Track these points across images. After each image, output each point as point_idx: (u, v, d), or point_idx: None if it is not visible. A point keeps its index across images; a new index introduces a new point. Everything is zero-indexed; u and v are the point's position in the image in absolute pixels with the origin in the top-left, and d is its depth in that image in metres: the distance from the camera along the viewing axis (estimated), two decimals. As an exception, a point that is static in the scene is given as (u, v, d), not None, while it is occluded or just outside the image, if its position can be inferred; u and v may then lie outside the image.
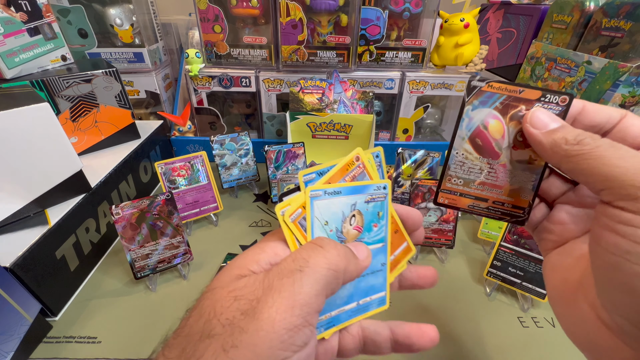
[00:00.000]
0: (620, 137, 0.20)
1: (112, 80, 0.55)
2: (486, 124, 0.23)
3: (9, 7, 0.48)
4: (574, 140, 0.19)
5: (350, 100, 0.66)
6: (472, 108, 0.23)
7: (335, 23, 0.66)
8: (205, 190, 0.55)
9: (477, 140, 0.24)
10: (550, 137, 0.20)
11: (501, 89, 0.22)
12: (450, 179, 0.25)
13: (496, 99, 0.23)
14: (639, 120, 0.20)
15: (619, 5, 0.47)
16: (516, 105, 0.22)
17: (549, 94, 0.22)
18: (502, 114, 0.23)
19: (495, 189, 0.25)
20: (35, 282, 0.37)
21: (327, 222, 0.22)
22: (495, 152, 0.24)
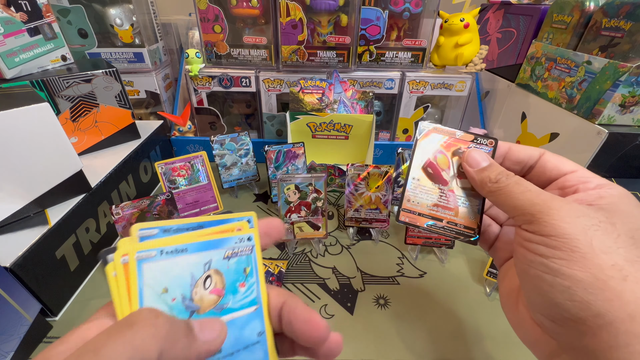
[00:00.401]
0: (540, 172, 0.25)
1: (112, 80, 0.55)
2: (435, 157, 0.29)
3: (9, 7, 0.48)
4: (494, 178, 0.24)
5: (350, 100, 0.66)
6: (424, 144, 0.29)
7: (335, 23, 0.66)
8: (205, 190, 0.55)
9: (429, 169, 0.29)
10: (479, 175, 0.25)
11: (444, 132, 0.29)
12: (409, 200, 0.29)
13: (441, 138, 0.29)
14: (553, 157, 0.25)
15: (619, 5, 0.47)
16: (457, 144, 0.29)
17: (479, 137, 0.28)
18: (446, 150, 0.29)
19: (447, 211, 0.29)
20: (35, 282, 0.37)
21: (166, 290, 0.16)
22: (444, 180, 0.29)
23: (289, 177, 0.48)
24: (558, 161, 0.25)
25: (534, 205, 0.21)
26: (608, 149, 0.46)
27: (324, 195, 0.50)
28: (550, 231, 0.20)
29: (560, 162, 0.25)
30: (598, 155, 0.47)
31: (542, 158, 0.25)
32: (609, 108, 0.46)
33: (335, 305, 0.43)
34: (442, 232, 0.28)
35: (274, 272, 0.46)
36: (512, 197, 0.22)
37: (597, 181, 0.22)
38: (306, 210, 0.50)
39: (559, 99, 0.55)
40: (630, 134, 0.46)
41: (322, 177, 0.49)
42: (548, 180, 0.25)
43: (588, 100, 0.49)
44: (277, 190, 0.49)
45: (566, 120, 0.53)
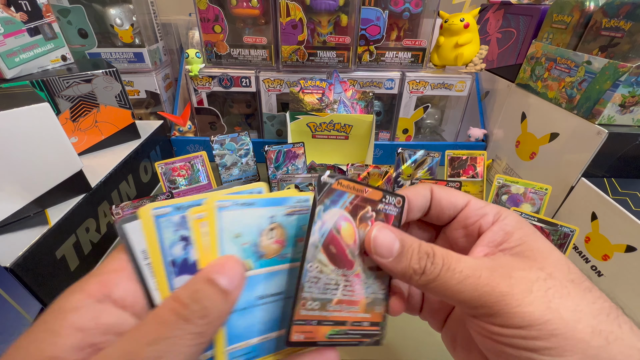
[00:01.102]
0: (438, 210, 0.24)
1: (112, 80, 0.56)
2: (338, 228, 0.20)
3: (9, 7, 0.48)
4: (420, 269, 0.19)
5: (350, 100, 0.66)
6: (324, 208, 0.20)
7: (335, 23, 0.66)
8: (205, 190, 0.55)
9: (331, 248, 0.20)
10: (399, 267, 0.20)
11: (349, 187, 0.20)
12: (305, 303, 0.19)
13: (346, 198, 0.20)
14: (443, 191, 0.24)
15: (619, 5, 0.47)
16: (364, 205, 0.21)
17: (387, 195, 0.22)
18: (352, 216, 0.21)
19: (352, 306, 0.21)
20: (35, 282, 0.37)
21: (239, 235, 0.18)
22: (350, 261, 0.21)
23: (289, 177, 0.48)
24: (450, 196, 0.24)
25: (482, 295, 0.18)
26: (608, 149, 0.46)
27: (324, 195, 0.49)
28: (520, 322, 0.17)
29: (452, 196, 0.23)
30: (598, 155, 0.47)
31: (434, 196, 0.24)
32: (609, 108, 0.46)
33: (335, 305, 0.43)
34: (346, 341, 0.21)
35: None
36: (451, 289, 0.19)
37: (492, 211, 0.22)
38: (306, 210, 0.50)
39: (559, 99, 0.55)
40: (630, 134, 0.46)
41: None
42: (448, 218, 0.24)
43: (588, 100, 0.49)
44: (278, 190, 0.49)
45: (566, 120, 0.53)
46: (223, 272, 0.17)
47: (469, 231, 0.23)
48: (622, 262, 0.41)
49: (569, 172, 0.51)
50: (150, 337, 0.14)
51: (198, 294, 0.16)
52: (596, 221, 0.45)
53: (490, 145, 0.74)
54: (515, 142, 0.65)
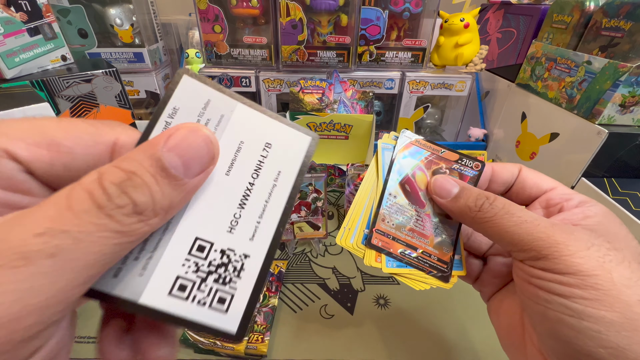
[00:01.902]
0: (520, 189, 0.24)
1: (112, 80, 0.56)
2: (414, 174, 0.25)
3: (9, 7, 0.48)
4: (475, 207, 0.21)
5: (350, 100, 0.66)
6: (403, 157, 0.26)
7: (335, 23, 0.66)
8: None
9: (407, 187, 0.25)
10: (456, 206, 0.22)
11: (427, 146, 0.26)
12: (384, 220, 0.25)
13: (422, 153, 0.26)
14: (531, 173, 0.24)
15: (619, 5, 0.47)
16: (438, 162, 0.25)
17: (465, 158, 0.25)
18: (426, 168, 0.25)
19: (423, 238, 0.25)
20: (35, 282, 0.37)
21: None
22: (422, 201, 0.25)
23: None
24: (537, 178, 0.24)
25: (535, 240, 0.18)
26: (608, 149, 0.46)
27: (323, 195, 0.50)
28: (565, 268, 0.17)
29: (539, 178, 0.24)
30: (598, 155, 0.47)
31: (521, 175, 0.24)
32: (609, 108, 0.46)
33: (335, 305, 0.43)
34: (415, 264, 0.24)
35: (274, 272, 0.46)
36: (506, 230, 0.19)
37: (579, 198, 0.22)
38: (306, 210, 0.50)
39: (559, 99, 0.55)
40: (630, 134, 0.46)
41: (322, 177, 0.49)
42: (529, 198, 0.24)
43: (588, 100, 0.49)
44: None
45: (566, 120, 0.53)
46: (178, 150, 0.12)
47: (550, 211, 0.22)
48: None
49: (569, 172, 0.51)
50: (45, 224, 0.10)
51: (133, 180, 0.11)
52: (596, 221, 0.45)
53: (490, 145, 0.74)
54: (515, 142, 0.65)
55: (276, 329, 0.39)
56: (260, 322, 0.39)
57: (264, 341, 0.37)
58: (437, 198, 0.24)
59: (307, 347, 0.38)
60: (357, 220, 0.24)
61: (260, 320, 0.39)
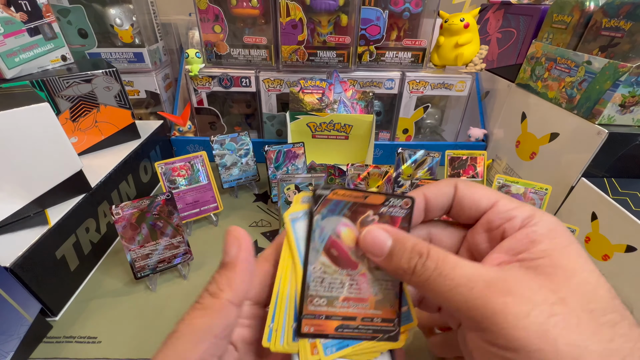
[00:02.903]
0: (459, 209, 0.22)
1: (112, 80, 0.56)
2: (338, 233, 0.22)
3: (9, 7, 0.48)
4: (409, 269, 0.19)
5: (350, 100, 0.66)
6: (322, 217, 0.22)
7: (335, 23, 0.66)
8: (205, 190, 0.55)
9: (333, 251, 0.22)
10: (390, 266, 0.20)
11: (346, 195, 0.21)
12: (312, 300, 0.21)
13: (343, 205, 0.22)
14: (467, 189, 0.22)
15: (619, 5, 0.47)
16: (364, 210, 0.22)
17: (392, 198, 0.22)
18: (352, 221, 0.22)
19: (361, 304, 0.22)
20: (35, 282, 0.37)
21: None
22: (353, 262, 0.22)
23: (289, 177, 0.48)
24: (474, 195, 0.22)
25: (471, 309, 0.17)
26: (608, 149, 0.46)
27: (324, 195, 0.49)
28: (507, 344, 0.16)
29: (476, 195, 0.22)
30: (598, 155, 0.47)
31: (457, 195, 0.22)
32: (609, 108, 0.46)
33: (335, 305, 0.43)
34: (357, 336, 0.22)
35: (274, 272, 0.46)
36: (442, 296, 0.18)
37: (521, 215, 0.20)
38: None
39: (559, 99, 0.55)
40: (630, 134, 0.46)
41: (322, 177, 0.49)
42: (470, 219, 0.22)
43: (588, 100, 0.49)
44: (277, 190, 0.48)
45: (566, 120, 0.53)
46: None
47: (492, 236, 0.21)
48: (622, 262, 0.41)
49: (569, 172, 0.51)
50: None
51: None
52: (596, 221, 0.45)
53: (490, 145, 0.74)
54: (515, 142, 0.65)
55: (276, 329, 0.39)
56: (260, 322, 0.39)
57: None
58: (371, 257, 0.21)
59: (307, 347, 0.38)
60: (283, 316, 0.21)
61: (260, 320, 0.39)
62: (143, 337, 0.38)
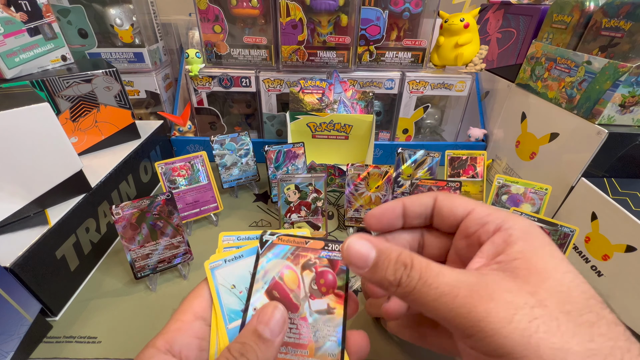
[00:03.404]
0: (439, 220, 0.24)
1: (112, 80, 0.56)
2: (282, 275, 0.23)
3: (9, 7, 0.48)
4: (395, 281, 0.19)
5: (350, 100, 0.66)
6: (267, 260, 0.23)
7: (335, 23, 0.66)
8: (205, 190, 0.55)
9: (275, 293, 0.22)
10: (375, 279, 0.20)
11: (290, 241, 0.23)
12: None
13: (287, 250, 0.23)
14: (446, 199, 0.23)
15: (619, 5, 0.47)
16: (305, 254, 0.23)
17: (330, 243, 0.23)
18: (294, 264, 0.23)
19: (300, 350, 0.22)
20: (35, 282, 0.37)
21: (234, 286, 0.23)
22: (295, 304, 0.22)
23: (289, 177, 0.48)
24: (451, 204, 0.23)
25: (456, 317, 0.17)
26: (608, 149, 0.46)
27: (324, 195, 0.50)
28: (493, 351, 0.16)
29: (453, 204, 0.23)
30: (598, 155, 0.47)
31: (437, 205, 0.23)
32: (608, 108, 0.46)
33: (335, 305, 0.43)
34: None
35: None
36: (428, 305, 0.18)
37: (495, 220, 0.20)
38: (306, 210, 0.50)
39: (559, 99, 0.55)
40: (630, 134, 0.46)
41: (322, 177, 0.49)
42: (451, 228, 0.23)
43: (588, 100, 0.49)
44: (277, 190, 0.49)
45: (566, 120, 0.53)
46: (266, 323, 0.20)
47: (470, 241, 0.22)
48: (622, 262, 0.41)
49: (569, 172, 0.51)
50: None
51: (245, 347, 0.19)
52: (596, 221, 0.45)
53: (490, 145, 0.74)
54: (515, 142, 0.65)
55: (276, 329, 0.39)
56: (260, 322, 0.39)
57: (264, 341, 0.37)
58: (354, 269, 0.20)
59: (307, 347, 0.38)
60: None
61: (260, 320, 0.39)
62: (143, 337, 0.38)
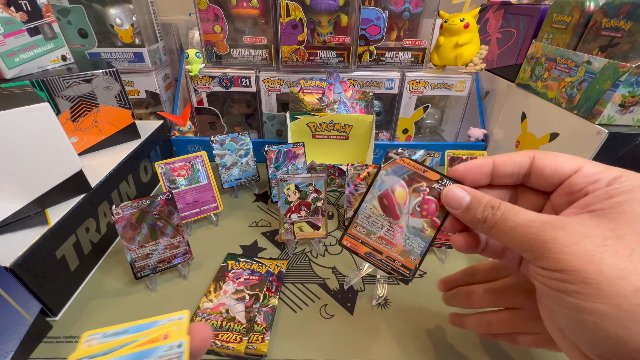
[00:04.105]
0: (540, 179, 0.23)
1: (112, 80, 0.56)
2: (394, 189, 0.28)
3: (9, 7, 0.48)
4: (482, 218, 0.23)
5: (350, 100, 0.66)
6: (386, 173, 0.28)
7: (335, 23, 0.66)
8: (205, 190, 0.55)
9: (384, 200, 0.28)
10: (467, 218, 0.24)
11: (410, 165, 0.27)
12: (357, 227, 0.30)
13: (405, 171, 0.28)
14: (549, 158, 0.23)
15: (619, 5, 0.47)
16: (420, 181, 0.27)
17: (445, 179, 0.26)
18: (407, 185, 0.28)
19: (390, 246, 0.29)
20: (36, 282, 0.37)
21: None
22: (397, 214, 0.28)
23: (289, 177, 0.48)
24: (555, 163, 0.22)
25: (528, 242, 0.19)
26: (608, 149, 0.46)
27: (324, 195, 0.50)
28: (556, 266, 0.18)
29: (557, 163, 0.22)
30: (598, 156, 0.47)
31: (535, 163, 0.23)
32: (609, 108, 0.46)
33: (335, 305, 0.43)
34: (378, 265, 0.29)
35: (274, 272, 0.46)
36: (506, 235, 0.21)
37: (606, 176, 0.20)
38: (306, 210, 0.50)
39: (559, 99, 0.55)
40: (630, 134, 0.46)
41: (322, 177, 0.49)
42: (552, 186, 0.23)
43: (588, 100, 0.49)
44: (277, 190, 0.49)
45: (566, 120, 0.53)
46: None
47: (574, 197, 0.21)
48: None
49: (569, 172, 0.51)
50: None
51: None
52: (596, 221, 0.45)
53: (490, 145, 0.74)
54: (515, 142, 0.65)
55: (276, 329, 0.39)
56: (260, 322, 0.39)
57: (264, 341, 0.37)
58: (451, 210, 0.25)
59: (307, 347, 0.38)
60: None
61: (260, 320, 0.39)
62: (143, 337, 0.38)
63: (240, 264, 0.47)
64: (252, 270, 0.46)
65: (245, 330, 0.38)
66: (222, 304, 0.41)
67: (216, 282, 0.44)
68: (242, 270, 0.46)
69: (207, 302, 0.41)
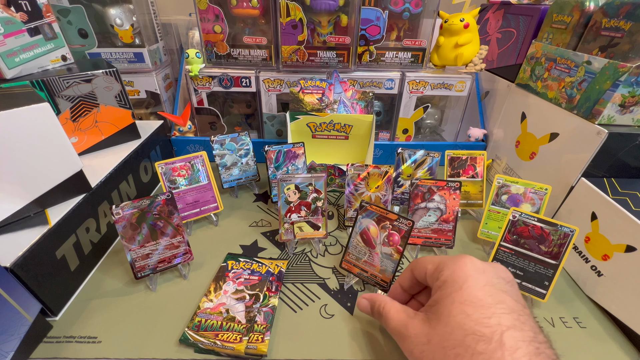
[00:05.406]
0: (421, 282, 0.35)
1: (112, 80, 0.56)
2: (368, 227, 0.42)
3: (9, 7, 0.48)
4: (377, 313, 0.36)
5: (350, 100, 0.66)
6: (362, 217, 0.43)
7: (335, 23, 0.66)
8: (205, 190, 0.55)
9: (364, 236, 0.43)
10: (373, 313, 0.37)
11: (377, 209, 0.41)
12: (349, 254, 0.45)
13: (374, 214, 0.42)
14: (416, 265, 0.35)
15: (619, 5, 0.47)
16: (385, 220, 0.41)
17: (400, 217, 0.40)
18: (377, 223, 0.42)
19: (372, 267, 0.42)
20: (36, 282, 0.37)
21: None
22: (373, 245, 0.42)
23: (289, 177, 0.48)
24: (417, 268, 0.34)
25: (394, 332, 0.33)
26: (608, 149, 0.46)
27: (324, 195, 0.50)
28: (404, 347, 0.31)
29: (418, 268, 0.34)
30: (598, 155, 0.47)
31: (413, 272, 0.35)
32: (608, 108, 0.46)
33: (335, 305, 0.43)
34: (365, 280, 0.43)
35: (274, 272, 0.46)
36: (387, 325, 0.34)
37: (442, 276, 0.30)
38: (306, 210, 0.50)
39: (558, 99, 0.55)
40: (630, 134, 0.46)
41: (322, 177, 0.49)
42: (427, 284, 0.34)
43: (588, 100, 0.49)
44: (277, 190, 0.49)
45: (566, 120, 0.53)
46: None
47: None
48: (622, 262, 0.41)
49: (569, 172, 0.51)
50: None
51: None
52: (596, 221, 0.45)
53: (490, 145, 0.74)
54: (515, 142, 0.65)
55: (276, 329, 0.39)
56: (260, 322, 0.39)
57: (264, 341, 0.37)
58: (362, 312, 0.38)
59: (307, 347, 0.38)
60: None
61: (260, 320, 0.39)
62: (143, 337, 0.38)
63: (240, 264, 0.47)
64: (252, 270, 0.46)
65: (245, 330, 0.38)
66: (222, 303, 0.41)
67: (216, 282, 0.44)
68: (242, 270, 0.46)
69: (207, 302, 0.41)
